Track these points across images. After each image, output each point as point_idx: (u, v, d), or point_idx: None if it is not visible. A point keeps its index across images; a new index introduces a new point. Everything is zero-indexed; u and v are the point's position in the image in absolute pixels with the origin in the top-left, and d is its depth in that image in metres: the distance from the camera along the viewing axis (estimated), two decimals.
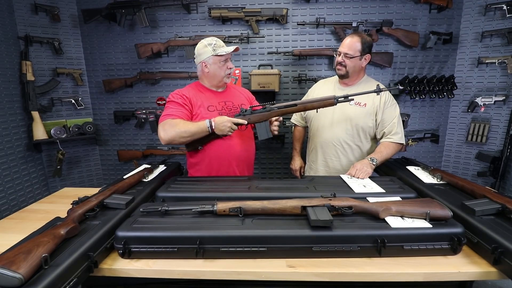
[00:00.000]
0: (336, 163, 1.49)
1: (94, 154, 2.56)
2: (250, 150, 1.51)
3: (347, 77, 1.43)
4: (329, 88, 1.54)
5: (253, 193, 1.07)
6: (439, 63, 2.25)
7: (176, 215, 0.90)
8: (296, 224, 0.83)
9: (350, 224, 0.83)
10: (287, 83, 2.37)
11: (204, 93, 1.44)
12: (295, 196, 0.96)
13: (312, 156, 1.60)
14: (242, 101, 1.54)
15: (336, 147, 1.48)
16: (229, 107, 1.47)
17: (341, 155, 1.48)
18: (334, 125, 1.45)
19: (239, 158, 1.44)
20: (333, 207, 0.86)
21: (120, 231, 0.81)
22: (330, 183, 1.18)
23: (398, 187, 1.11)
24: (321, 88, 1.58)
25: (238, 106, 1.48)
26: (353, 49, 1.37)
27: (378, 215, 0.84)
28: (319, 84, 1.63)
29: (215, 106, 1.42)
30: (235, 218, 0.86)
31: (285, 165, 2.55)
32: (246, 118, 1.29)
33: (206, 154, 1.41)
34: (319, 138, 1.52)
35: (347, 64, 1.40)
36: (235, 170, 1.43)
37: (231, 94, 1.53)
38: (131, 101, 2.45)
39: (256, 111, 1.29)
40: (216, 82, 1.44)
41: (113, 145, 2.55)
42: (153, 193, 1.12)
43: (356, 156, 1.47)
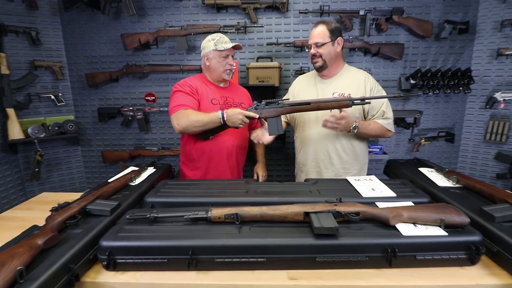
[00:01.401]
0: (327, 162, 1.52)
1: (76, 155, 2.56)
2: (243, 154, 1.67)
3: (325, 67, 1.48)
4: (309, 82, 1.59)
5: (251, 198, 1.07)
6: (454, 55, 2.26)
7: (166, 222, 0.89)
8: (298, 232, 0.83)
9: (358, 232, 0.83)
10: (288, 77, 2.37)
11: (208, 86, 1.59)
12: (297, 201, 0.95)
13: (301, 157, 1.62)
14: (243, 100, 1.67)
15: (325, 145, 1.51)
16: (229, 103, 1.59)
17: (332, 153, 1.51)
18: (319, 119, 1.46)
19: (232, 156, 1.58)
20: (338, 213, 0.86)
21: (104, 240, 0.80)
22: (335, 186, 1.18)
23: (410, 191, 1.11)
24: (301, 83, 1.63)
25: (238, 104, 1.62)
26: (321, 37, 1.44)
27: (388, 222, 0.84)
28: (298, 79, 1.67)
29: (217, 100, 1.56)
30: (231, 226, 0.86)
31: (286, 167, 2.55)
32: (258, 112, 1.39)
33: (202, 150, 1.55)
34: (306, 136, 1.56)
35: (321, 53, 1.45)
36: (226, 168, 1.58)
37: (233, 91, 1.67)
38: (117, 97, 2.45)
39: (269, 106, 1.38)
40: (215, 76, 1.59)
41: (97, 145, 2.55)
42: (141, 198, 1.11)
43: (348, 153, 1.51)
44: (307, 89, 1.57)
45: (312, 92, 1.54)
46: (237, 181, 1.30)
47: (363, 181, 1.23)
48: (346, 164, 1.51)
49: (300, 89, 1.61)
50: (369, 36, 2.23)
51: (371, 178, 1.26)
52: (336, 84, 1.50)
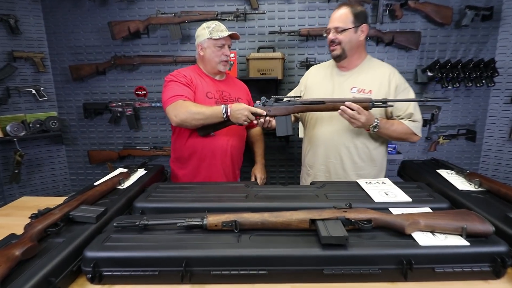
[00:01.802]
0: (338, 166, 1.47)
1: (60, 155, 2.56)
2: (238, 153, 1.68)
3: (344, 57, 1.43)
4: (325, 75, 1.53)
5: (251, 203, 1.06)
6: (476, 44, 2.24)
7: (157, 230, 0.89)
8: (304, 241, 0.82)
9: (370, 242, 0.82)
10: (293, 69, 2.36)
11: (202, 78, 1.59)
12: (302, 206, 0.95)
13: (309, 159, 1.57)
14: (240, 95, 1.67)
15: (337, 147, 1.46)
16: (225, 98, 1.59)
17: (344, 156, 1.45)
18: (334, 118, 1.44)
19: (227, 156, 1.59)
20: (348, 220, 0.85)
21: (89, 250, 0.80)
22: (345, 190, 1.18)
23: (427, 195, 1.10)
24: (316, 75, 1.58)
25: (235, 99, 1.61)
26: (343, 21, 1.37)
27: (404, 231, 0.83)
28: (313, 70, 1.62)
29: (213, 93, 1.56)
30: (229, 234, 0.86)
31: (290, 168, 2.55)
32: (266, 109, 1.36)
33: (193, 148, 1.56)
34: (316, 135, 1.51)
35: (341, 40, 1.39)
36: (219, 169, 1.59)
37: (229, 85, 1.66)
38: (104, 91, 2.44)
39: (279, 103, 1.36)
40: (210, 68, 1.60)
41: (83, 144, 2.55)
42: (130, 203, 1.11)
43: (362, 157, 1.45)
44: (322, 82, 1.51)
45: (327, 86, 1.48)
46: (236, 184, 1.30)
47: (375, 184, 1.22)
48: (360, 170, 1.45)
49: (314, 81, 1.55)
50: (382, 23, 2.21)
51: (384, 181, 1.25)
52: (355, 78, 1.44)
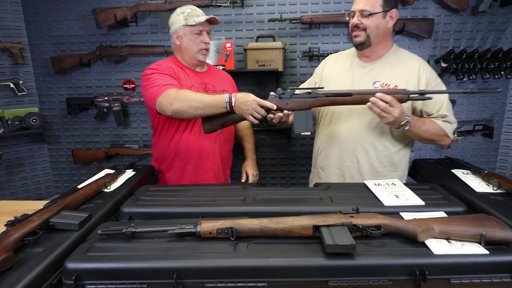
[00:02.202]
0: (354, 171, 1.43)
1: (42, 155, 2.55)
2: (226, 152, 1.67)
3: (368, 45, 1.35)
4: (343, 65, 1.48)
5: (249, 207, 1.05)
6: (495, 33, 2.22)
7: (146, 238, 0.88)
8: (307, 250, 0.81)
9: (379, 250, 0.81)
10: (295, 60, 2.35)
11: (183, 70, 1.55)
12: (304, 211, 0.93)
13: (321, 160, 1.53)
14: (225, 87, 1.64)
15: (354, 148, 1.41)
16: (210, 91, 1.56)
17: (361, 159, 1.41)
18: (352, 115, 1.40)
19: (215, 154, 1.58)
20: (355, 226, 0.84)
21: (70, 261, 0.78)
22: (351, 192, 1.17)
23: (441, 198, 1.09)
24: (333, 66, 1.52)
25: (219, 92, 1.57)
26: (371, 4, 1.30)
27: (416, 238, 0.82)
28: (330, 60, 1.57)
29: (196, 87, 1.52)
30: (225, 243, 0.84)
31: (291, 167, 2.54)
32: (283, 102, 1.28)
33: (177, 146, 1.54)
34: (331, 132, 1.46)
35: (367, 25, 1.31)
36: (207, 170, 1.58)
37: (212, 77, 1.63)
38: (89, 85, 2.43)
39: (298, 95, 1.29)
40: (189, 58, 1.57)
41: (67, 142, 2.54)
42: (117, 208, 1.10)
43: (382, 161, 1.41)
44: (340, 74, 1.45)
45: (346, 79, 1.42)
46: (233, 187, 1.28)
47: (384, 185, 1.21)
48: (379, 176, 1.39)
49: (331, 72, 1.49)
50: None
51: (394, 182, 1.24)
52: (379, 71, 1.37)
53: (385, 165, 1.41)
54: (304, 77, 2.32)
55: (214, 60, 2.20)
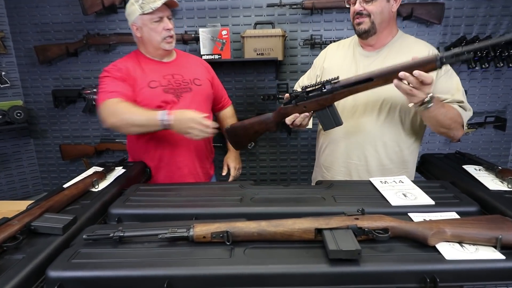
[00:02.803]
0: (361, 169, 1.40)
1: (28, 150, 2.54)
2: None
3: (373, 33, 1.31)
4: (346, 55, 1.44)
5: (246, 207, 1.04)
6: (509, 18, 2.18)
7: (135, 243, 0.86)
8: (308, 255, 0.80)
9: (386, 255, 0.79)
10: (295, 49, 2.33)
11: (144, 65, 1.53)
12: (306, 212, 0.91)
13: (325, 159, 1.50)
14: (197, 75, 1.60)
15: (361, 144, 1.38)
16: (177, 82, 1.53)
17: (370, 157, 1.38)
18: (358, 109, 1.36)
19: (192, 147, 1.57)
20: (361, 229, 0.82)
21: (53, 269, 0.76)
22: (356, 191, 1.15)
23: (452, 196, 1.07)
24: (334, 56, 1.49)
25: (189, 81, 1.55)
26: None
27: (427, 241, 0.80)
28: (330, 50, 1.53)
29: (158, 81, 1.49)
30: (220, 248, 0.83)
31: (293, 162, 2.53)
32: (301, 107, 1.25)
33: (150, 141, 1.53)
34: (335, 130, 1.40)
35: (371, 10, 1.27)
36: (185, 164, 1.57)
37: (181, 65, 1.59)
38: (77, 76, 2.42)
39: (313, 95, 1.23)
40: (153, 49, 1.52)
41: (54, 137, 2.54)
42: (105, 209, 1.08)
43: (392, 158, 1.38)
44: (342, 64, 1.42)
45: (349, 70, 1.37)
46: (229, 185, 1.27)
47: (391, 183, 1.18)
48: (388, 174, 1.36)
49: (332, 63, 1.46)
50: None
51: (401, 180, 1.21)
52: (384, 59, 1.34)
53: (394, 162, 1.39)
54: (305, 66, 2.29)
55: (209, 49, 2.17)
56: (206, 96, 1.61)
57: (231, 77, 2.46)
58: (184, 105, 1.51)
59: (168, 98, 1.49)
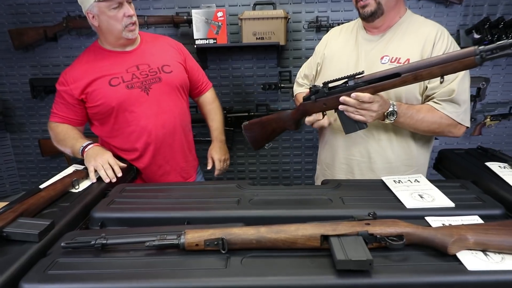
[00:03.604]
0: (364, 166, 1.39)
1: (4, 146, 2.53)
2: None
3: (380, 14, 1.29)
4: (348, 40, 1.43)
5: (244, 210, 1.03)
6: None
7: (120, 252, 0.85)
8: (313, 265, 0.79)
9: (401, 265, 0.78)
10: (299, 32, 2.31)
11: (103, 60, 1.49)
12: (311, 215, 0.91)
13: (326, 155, 1.51)
14: (166, 59, 1.56)
15: (363, 139, 1.37)
16: (143, 74, 1.49)
17: (373, 153, 1.37)
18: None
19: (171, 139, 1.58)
20: (372, 236, 0.80)
21: (27, 281, 0.75)
22: (366, 192, 1.14)
23: (474, 198, 1.06)
24: (336, 41, 1.47)
25: (158, 70, 1.51)
26: None
27: (446, 250, 0.78)
28: (333, 34, 1.52)
29: (120, 76, 1.46)
30: (214, 257, 0.82)
31: (296, 158, 2.52)
32: (320, 104, 1.24)
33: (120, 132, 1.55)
34: (337, 124, 1.40)
35: None
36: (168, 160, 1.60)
37: (146, 52, 1.55)
38: (57, 63, 2.40)
39: (334, 91, 1.21)
40: (114, 39, 1.48)
41: (33, 131, 2.53)
42: (87, 212, 1.08)
43: (399, 155, 1.37)
44: (344, 51, 1.41)
45: (350, 57, 1.38)
46: (226, 185, 1.26)
47: (406, 183, 1.17)
48: (395, 172, 1.35)
49: (334, 49, 1.45)
50: None
51: (417, 179, 1.20)
52: (387, 43, 1.33)
53: (401, 158, 1.38)
54: (310, 52, 2.25)
55: (203, 32, 2.15)
56: (179, 84, 1.57)
57: (227, 64, 2.43)
58: (155, 99, 1.49)
59: (134, 94, 1.47)
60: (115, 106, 1.46)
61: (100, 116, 1.51)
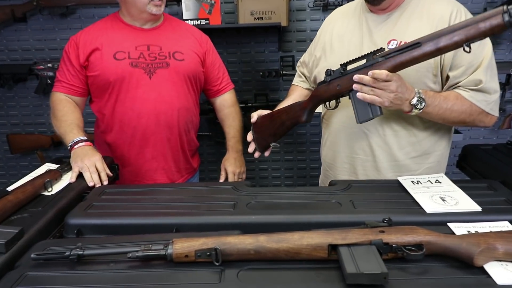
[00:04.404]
0: (369, 165, 1.40)
1: None
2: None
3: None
4: (348, 22, 1.43)
5: (241, 216, 1.03)
6: None
7: (99, 264, 0.85)
8: (320, 279, 0.79)
9: (420, 280, 0.78)
10: (303, 11, 2.32)
11: (116, 31, 1.57)
12: (317, 222, 0.92)
13: (326, 154, 1.54)
14: (181, 46, 1.60)
15: (366, 135, 1.37)
16: (152, 56, 1.54)
17: (378, 150, 1.37)
18: None
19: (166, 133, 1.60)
20: (387, 246, 0.81)
21: None
22: (380, 194, 1.15)
23: (504, 200, 1.07)
24: (338, 23, 1.47)
25: (167, 55, 1.56)
26: None
27: (472, 261, 0.78)
28: (333, 16, 1.53)
29: (127, 52, 1.52)
30: (207, 270, 0.82)
31: (300, 156, 2.52)
32: (334, 85, 1.25)
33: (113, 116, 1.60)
34: (334, 116, 1.43)
35: None
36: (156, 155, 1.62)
37: (163, 34, 1.60)
38: (26, 47, 2.41)
39: (350, 70, 1.21)
40: (137, 12, 1.54)
41: (0, 126, 2.53)
42: (62, 218, 1.08)
43: (408, 151, 1.36)
44: (345, 34, 1.42)
45: (352, 40, 1.38)
46: (220, 187, 1.27)
47: (425, 184, 1.18)
48: (404, 171, 1.36)
49: (335, 32, 1.45)
50: None
51: (438, 179, 1.20)
52: (395, 25, 1.32)
53: (412, 156, 1.37)
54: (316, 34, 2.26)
55: (193, 12, 2.15)
56: (188, 75, 1.60)
57: (222, 48, 2.42)
58: (157, 85, 1.52)
59: (136, 74, 1.51)
60: (113, 82, 1.51)
61: (95, 88, 1.57)
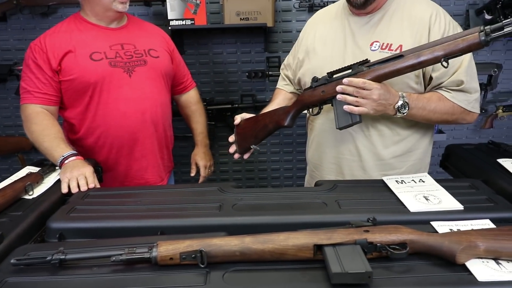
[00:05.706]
0: (355, 165, 1.41)
1: None
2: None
3: (372, 1, 1.29)
4: (332, 24, 1.44)
5: (226, 217, 1.04)
6: None
7: (81, 268, 0.84)
8: (305, 279, 0.79)
9: (404, 277, 0.79)
10: (289, 12, 2.33)
11: (85, 32, 1.52)
12: (303, 223, 0.92)
13: (312, 155, 1.55)
14: (153, 44, 1.61)
15: (352, 135, 1.39)
16: (128, 54, 1.53)
17: (363, 149, 1.39)
18: None
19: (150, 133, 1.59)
20: (372, 245, 0.81)
21: None
22: (365, 194, 1.16)
23: (485, 199, 1.08)
24: (320, 26, 1.48)
25: (143, 52, 1.56)
26: None
27: (454, 259, 0.80)
28: (316, 19, 1.54)
29: (103, 52, 1.49)
30: (192, 272, 0.82)
31: (286, 156, 2.52)
32: (318, 92, 1.28)
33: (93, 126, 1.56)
34: (323, 120, 1.44)
35: None
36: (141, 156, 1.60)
37: (133, 32, 1.60)
38: (6, 47, 2.39)
39: (336, 78, 1.24)
40: (102, 10, 1.50)
41: None
42: (43, 222, 1.07)
43: (392, 150, 1.39)
44: (327, 38, 1.43)
45: (335, 45, 1.40)
46: (206, 188, 1.27)
47: (409, 183, 1.19)
48: (389, 170, 1.39)
49: (318, 35, 1.46)
50: None
51: (422, 178, 1.23)
52: (376, 27, 1.34)
53: (396, 154, 1.40)
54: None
55: (178, 12, 2.13)
56: (164, 72, 1.61)
57: (207, 49, 2.42)
58: (138, 83, 1.51)
59: (116, 73, 1.49)
60: (93, 83, 1.47)
61: (71, 93, 1.51)
